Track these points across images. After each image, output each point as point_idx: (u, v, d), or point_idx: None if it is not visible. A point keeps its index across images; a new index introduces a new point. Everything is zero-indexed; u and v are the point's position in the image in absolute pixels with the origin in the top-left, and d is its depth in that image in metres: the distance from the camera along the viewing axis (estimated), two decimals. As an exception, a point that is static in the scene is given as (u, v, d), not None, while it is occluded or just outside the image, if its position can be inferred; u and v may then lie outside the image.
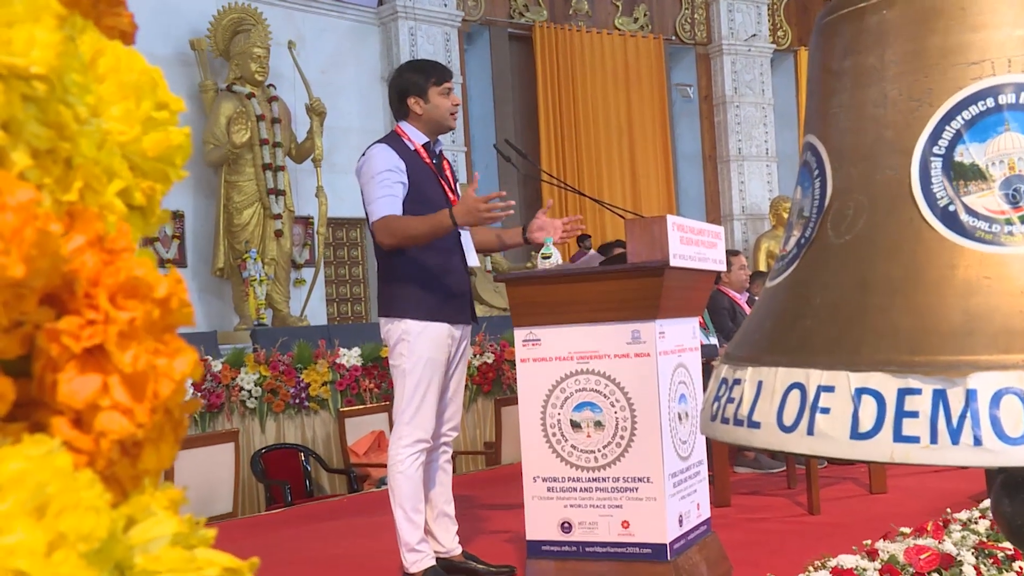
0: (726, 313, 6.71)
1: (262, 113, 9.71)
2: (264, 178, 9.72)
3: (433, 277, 3.68)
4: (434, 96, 3.74)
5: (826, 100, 0.97)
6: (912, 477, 5.49)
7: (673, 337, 3.55)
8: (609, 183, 13.24)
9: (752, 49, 14.56)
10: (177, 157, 0.43)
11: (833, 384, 0.87)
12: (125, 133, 0.41)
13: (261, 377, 6.47)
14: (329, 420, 6.75)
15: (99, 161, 0.39)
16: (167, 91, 0.44)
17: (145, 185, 0.42)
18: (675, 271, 3.42)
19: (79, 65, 0.38)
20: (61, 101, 0.36)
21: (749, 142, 14.52)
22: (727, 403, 0.96)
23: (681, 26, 14.38)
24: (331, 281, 11.32)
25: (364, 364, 6.94)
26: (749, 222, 14.44)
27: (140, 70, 0.42)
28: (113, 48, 0.41)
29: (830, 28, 1.00)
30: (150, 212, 0.43)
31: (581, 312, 3.45)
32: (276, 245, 9.78)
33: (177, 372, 0.39)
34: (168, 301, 0.39)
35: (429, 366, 3.64)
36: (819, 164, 0.96)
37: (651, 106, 13.78)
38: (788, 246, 0.98)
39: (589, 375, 3.43)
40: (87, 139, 0.38)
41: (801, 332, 0.91)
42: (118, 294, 0.38)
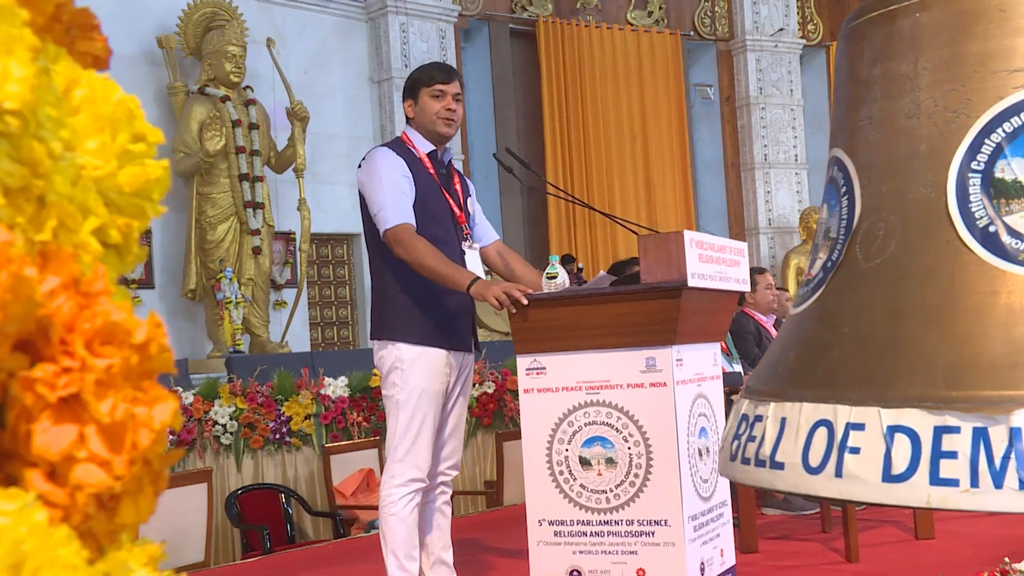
0: (751, 338, 6.72)
1: (238, 118, 9.75)
2: (240, 190, 9.75)
3: (432, 298, 3.69)
4: (423, 98, 3.77)
5: (854, 111, 0.98)
6: (963, 520, 5.46)
7: (692, 364, 3.56)
8: (621, 195, 13.26)
9: (779, 45, 14.61)
10: (155, 191, 0.45)
11: (863, 421, 0.88)
12: (100, 168, 0.43)
13: (237, 410, 6.48)
14: (313, 457, 6.75)
15: (73, 198, 0.41)
16: (144, 122, 0.45)
17: (121, 222, 0.43)
18: (694, 292, 3.43)
19: (53, 98, 0.39)
20: (35, 137, 0.38)
21: (776, 148, 14.55)
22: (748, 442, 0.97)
23: (700, 20, 14.44)
24: (315, 303, 11.33)
25: (352, 395, 6.94)
26: (776, 236, 14.45)
27: (116, 101, 0.43)
28: (88, 78, 0.43)
29: (858, 32, 1.01)
30: (126, 250, 0.44)
31: (590, 338, 3.47)
32: (254, 264, 9.80)
33: (156, 421, 0.40)
34: (147, 347, 0.41)
35: (425, 397, 3.66)
36: (847, 180, 0.97)
37: (667, 109, 13.82)
38: (814, 270, 0.99)
39: (599, 407, 3.45)
40: (61, 176, 0.40)
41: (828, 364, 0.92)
42: (95, 340, 0.39)
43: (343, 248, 11.56)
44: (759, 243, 14.30)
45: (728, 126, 14.67)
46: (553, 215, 12.64)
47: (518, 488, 6.44)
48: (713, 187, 14.69)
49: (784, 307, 7.85)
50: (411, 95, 3.81)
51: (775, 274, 13.54)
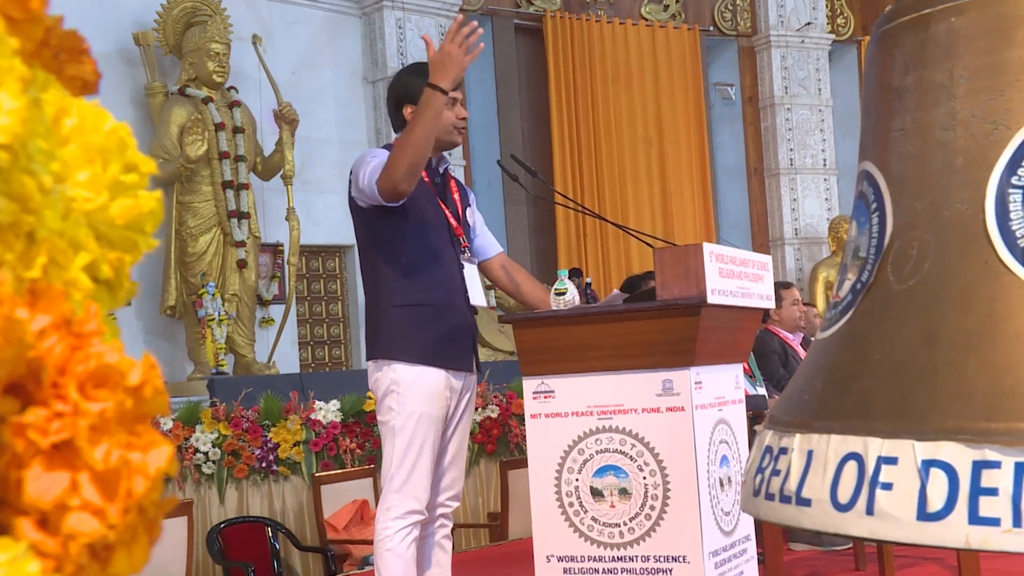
0: (776, 358, 6.73)
1: (221, 121, 9.78)
2: (224, 198, 9.78)
3: (430, 314, 3.71)
4: None
5: (885, 121, 0.99)
6: (1010, 560, 5.44)
7: (712, 387, 3.57)
8: (635, 203, 13.28)
9: (806, 40, 14.64)
10: (147, 224, 0.46)
11: (896, 455, 0.89)
12: (91, 200, 0.44)
13: (220, 437, 6.49)
14: (302, 488, 6.75)
15: (64, 233, 0.42)
16: (136, 151, 0.47)
17: (113, 256, 0.45)
18: (714, 309, 3.45)
19: (44, 129, 0.41)
20: (25, 171, 0.39)
21: (803, 152, 14.57)
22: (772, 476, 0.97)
23: (720, 14, 14.48)
24: (304, 320, 11.35)
25: (344, 420, 6.95)
26: (804, 247, 14.46)
27: (107, 130, 0.45)
28: (79, 106, 0.44)
29: (889, 38, 1.02)
30: (118, 285, 0.45)
31: (602, 359, 3.48)
32: (239, 278, 9.82)
33: (152, 468, 0.41)
34: (141, 389, 0.42)
35: (424, 422, 3.67)
36: (877, 196, 0.98)
37: (685, 110, 13.84)
38: (842, 292, 1.00)
39: (612, 433, 3.45)
40: (52, 210, 0.41)
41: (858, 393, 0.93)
42: (88, 383, 0.41)
43: (335, 261, 11.58)
44: (785, 255, 14.31)
45: (751, 128, 14.68)
46: (561, 225, 12.65)
47: (524, 521, 6.44)
48: (735, 195, 14.70)
49: (812, 324, 7.86)
50: (412, 100, 3.78)
51: (802, 288, 13.53)
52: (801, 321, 7.05)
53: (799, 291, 7.59)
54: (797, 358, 6.83)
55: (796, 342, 6.96)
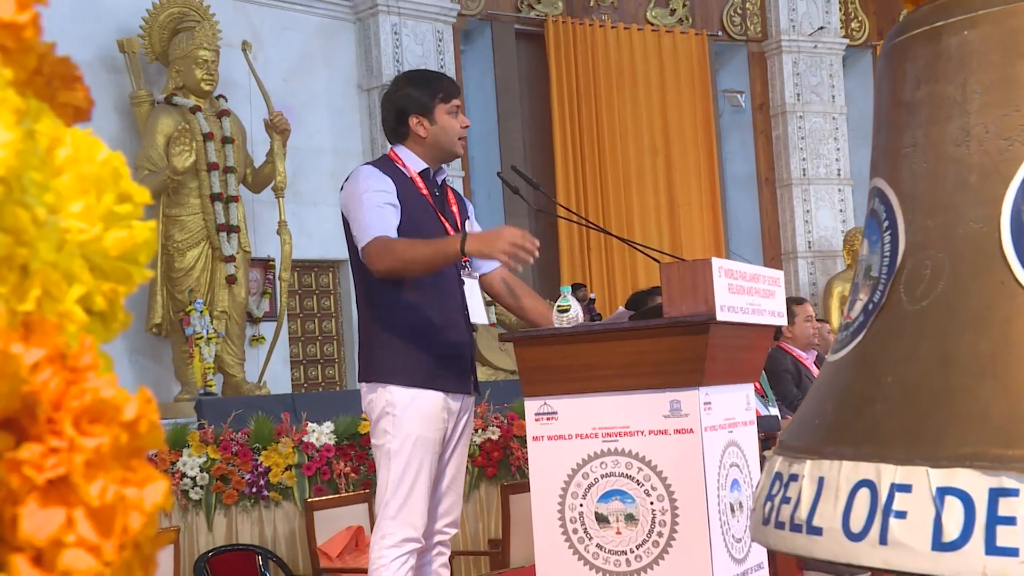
0: (789, 377, 6.73)
1: (210, 131, 9.80)
2: (213, 211, 9.79)
3: (427, 334, 3.72)
4: (441, 116, 3.80)
5: (896, 137, 1.00)
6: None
7: (722, 408, 3.58)
8: (641, 216, 13.29)
9: (819, 45, 14.68)
10: (142, 255, 0.47)
11: (910, 482, 0.89)
12: (85, 231, 0.45)
13: (208, 460, 6.49)
14: (294, 514, 6.75)
15: (58, 265, 0.43)
16: (130, 180, 0.48)
17: (107, 288, 0.46)
18: (723, 327, 3.46)
19: (38, 161, 0.42)
20: (18, 203, 0.41)
21: (816, 161, 14.60)
22: (782, 503, 0.98)
23: (729, 19, 14.52)
24: (297, 338, 11.35)
25: (338, 442, 6.95)
26: (817, 261, 14.47)
27: (101, 160, 0.46)
28: (72, 136, 0.46)
29: (901, 51, 1.03)
30: (111, 317, 0.47)
31: (607, 379, 3.49)
32: (228, 294, 9.83)
33: (147, 503, 0.42)
34: (137, 424, 0.43)
35: (420, 446, 3.67)
36: (889, 214, 0.99)
37: (693, 119, 13.87)
38: (854, 312, 1.01)
39: (618, 456, 3.46)
40: (46, 242, 0.42)
41: (870, 418, 0.93)
42: (83, 418, 0.42)
43: (328, 276, 11.59)
44: (797, 269, 14.32)
45: (762, 137, 14.71)
46: (564, 239, 12.65)
47: (526, 548, 6.42)
48: (745, 206, 14.71)
49: (826, 341, 7.87)
50: (422, 112, 3.81)
51: (816, 304, 13.53)
52: (815, 338, 7.05)
53: (812, 307, 7.60)
54: (811, 377, 6.83)
55: (809, 360, 6.96)
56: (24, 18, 0.42)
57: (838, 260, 14.42)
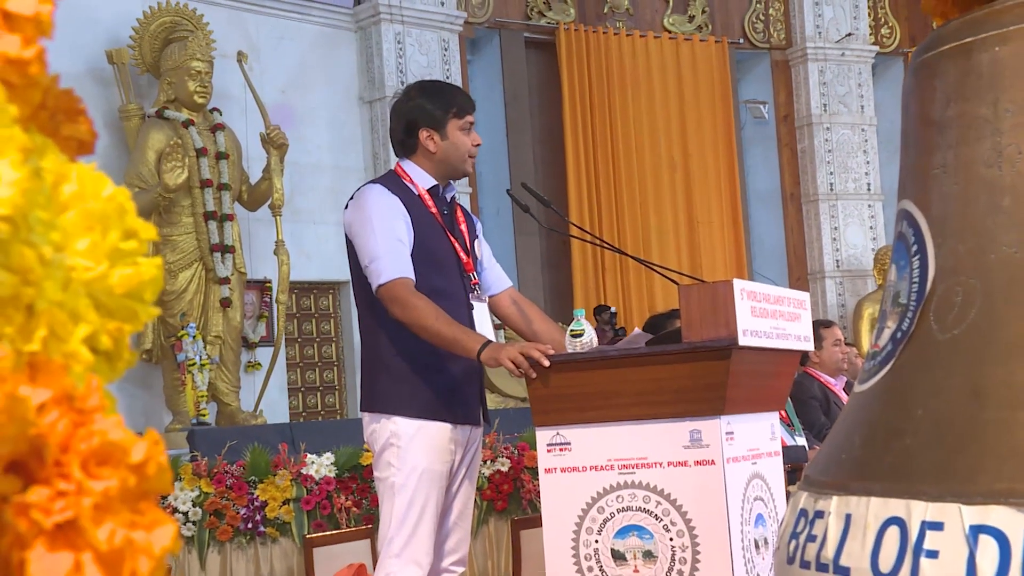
0: (816, 404, 6.73)
1: (203, 146, 9.82)
2: (206, 231, 9.80)
3: (434, 361, 3.73)
4: (453, 131, 3.82)
5: (925, 158, 1.02)
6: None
7: (745, 438, 3.58)
8: (659, 234, 13.28)
9: (847, 53, 14.68)
10: (148, 292, 0.49)
11: (942, 520, 0.90)
12: (91, 269, 0.47)
13: (202, 495, 6.49)
14: (292, 551, 6.75)
15: (64, 304, 0.45)
16: (135, 217, 0.50)
17: (112, 327, 0.47)
18: (746, 352, 3.46)
19: (44, 199, 0.44)
20: (25, 242, 0.42)
21: (844, 175, 14.58)
22: (807, 541, 0.99)
23: (751, 25, 14.54)
24: (295, 364, 11.35)
25: (339, 475, 6.95)
26: (846, 281, 14.44)
27: (106, 196, 0.47)
28: (78, 172, 0.47)
29: (929, 68, 1.04)
30: (117, 356, 0.48)
31: (623, 407, 3.49)
32: (222, 318, 9.84)
33: (156, 547, 0.44)
34: (144, 467, 0.45)
35: (426, 479, 3.68)
36: (918, 238, 1.01)
37: (713, 131, 13.88)
38: (881, 341, 1.02)
39: (635, 490, 3.46)
40: (52, 281, 0.44)
41: (899, 452, 0.94)
42: (91, 461, 0.43)
43: (328, 299, 11.60)
44: (825, 290, 14.29)
45: (786, 150, 14.70)
46: (577, 258, 12.66)
47: (538, 587, 6.41)
48: (769, 224, 14.70)
49: (855, 366, 7.86)
50: (434, 125, 3.83)
51: (845, 327, 13.50)
52: (843, 363, 7.05)
53: (841, 330, 7.59)
54: (839, 404, 6.83)
55: (838, 387, 6.96)
56: (29, 53, 0.44)
57: (868, 280, 14.38)
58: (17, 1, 0.44)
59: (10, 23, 0.45)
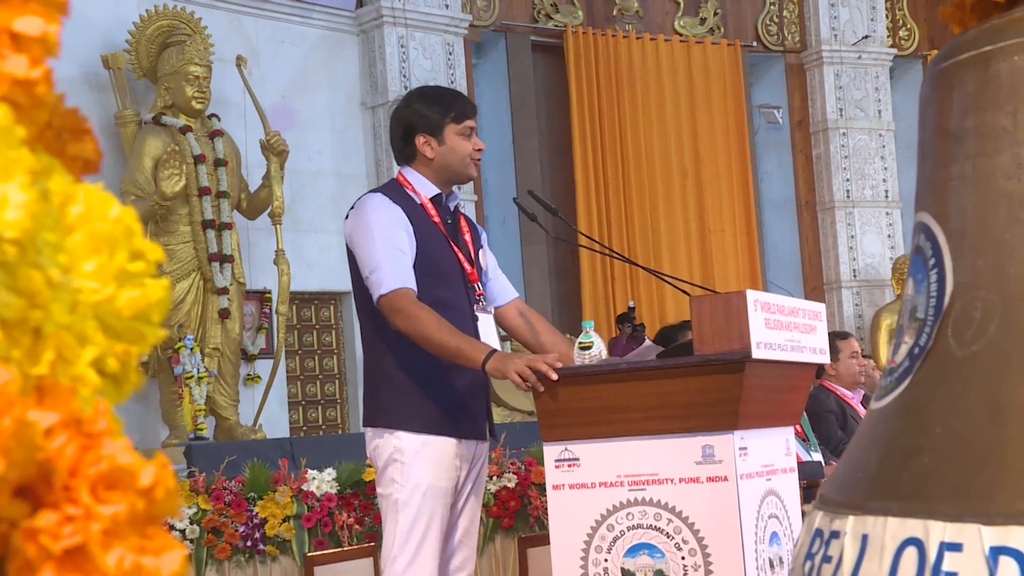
0: (833, 418, 6.72)
1: (201, 153, 9.84)
2: (204, 240, 9.82)
3: (438, 374, 3.73)
4: (451, 136, 3.82)
5: (943, 169, 1.02)
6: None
7: (759, 454, 3.59)
8: (670, 243, 13.29)
9: (864, 56, 14.68)
10: (155, 314, 0.50)
11: (960, 541, 0.91)
12: (98, 291, 0.48)
13: (199, 512, 6.50)
14: (292, 569, 6.75)
15: (71, 327, 0.46)
16: (142, 238, 0.51)
17: (119, 349, 0.48)
18: (760, 365, 3.46)
19: (52, 221, 0.45)
20: (33, 265, 0.43)
21: (861, 182, 14.58)
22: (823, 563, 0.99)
23: (765, 28, 14.55)
24: (295, 377, 11.36)
25: (341, 491, 6.95)
26: (864, 291, 14.43)
27: (113, 217, 0.48)
28: (84, 193, 0.48)
29: (947, 77, 1.05)
30: (124, 379, 0.49)
31: (633, 422, 3.49)
32: (221, 330, 9.85)
33: (165, 572, 0.45)
34: (153, 491, 0.45)
35: (430, 496, 3.68)
36: (935, 251, 1.01)
37: (726, 136, 13.88)
38: (898, 356, 1.03)
39: (646, 507, 3.46)
40: (59, 304, 0.45)
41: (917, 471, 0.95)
42: (99, 485, 0.44)
43: (329, 310, 11.60)
44: (841, 300, 14.28)
45: (801, 156, 14.70)
46: (586, 268, 12.66)
47: (546, 607, 6.41)
48: (783, 232, 14.70)
49: (873, 379, 7.85)
50: (432, 131, 3.84)
51: (862, 338, 13.49)
52: (861, 376, 7.04)
53: (859, 342, 7.58)
54: (856, 418, 6.82)
55: (855, 400, 6.95)
56: (37, 73, 0.45)
57: (886, 290, 14.36)
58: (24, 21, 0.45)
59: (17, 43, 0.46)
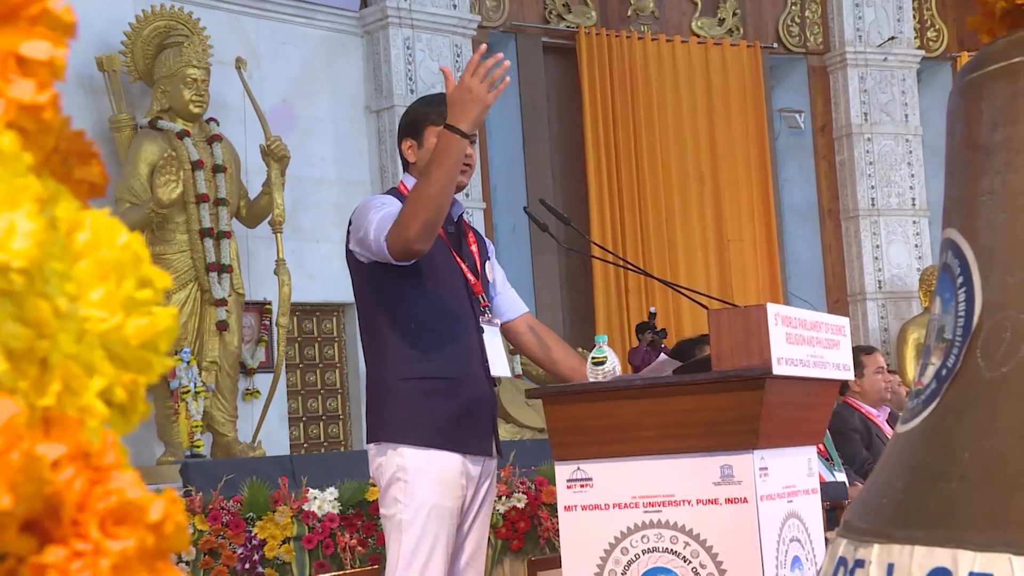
0: (857, 437, 6.71)
1: (199, 159, 9.85)
2: (202, 249, 9.83)
3: (443, 389, 3.74)
4: (431, 138, 3.80)
5: (971, 184, 1.03)
6: None
7: (780, 474, 3.58)
8: (687, 253, 13.28)
9: (890, 58, 14.67)
10: (163, 343, 0.51)
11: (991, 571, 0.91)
12: (106, 320, 0.49)
13: (196, 533, 6.51)
14: (293, 593, 6.75)
15: (78, 357, 0.47)
16: (150, 265, 0.52)
17: (127, 379, 0.49)
18: (781, 382, 3.46)
19: (59, 250, 0.46)
20: (40, 294, 0.44)
21: (887, 189, 14.56)
22: (848, 593, 1.00)
23: (786, 28, 14.55)
24: (296, 392, 11.36)
25: (343, 511, 6.96)
26: (889, 303, 14.41)
27: (121, 244, 0.49)
28: (91, 219, 0.49)
29: (975, 88, 1.06)
30: (131, 409, 0.50)
31: (649, 440, 3.50)
32: (219, 342, 9.86)
33: (173, 608, 0.45)
34: (162, 526, 0.46)
35: (436, 516, 3.69)
36: (963, 269, 1.01)
37: (745, 142, 13.88)
38: (925, 378, 1.03)
39: (661, 529, 3.46)
40: (66, 333, 0.46)
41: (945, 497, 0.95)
42: (108, 520, 0.45)
43: (332, 322, 11.61)
44: (866, 313, 14.26)
45: (824, 163, 14.69)
46: (599, 278, 12.65)
47: (557, 633, 6.39)
48: (805, 242, 14.68)
49: (899, 396, 7.84)
50: (412, 133, 3.87)
51: (888, 353, 13.47)
52: (886, 392, 7.03)
53: (884, 356, 7.58)
54: (882, 437, 6.81)
55: (881, 418, 6.94)
56: (44, 98, 0.45)
57: (913, 302, 14.33)
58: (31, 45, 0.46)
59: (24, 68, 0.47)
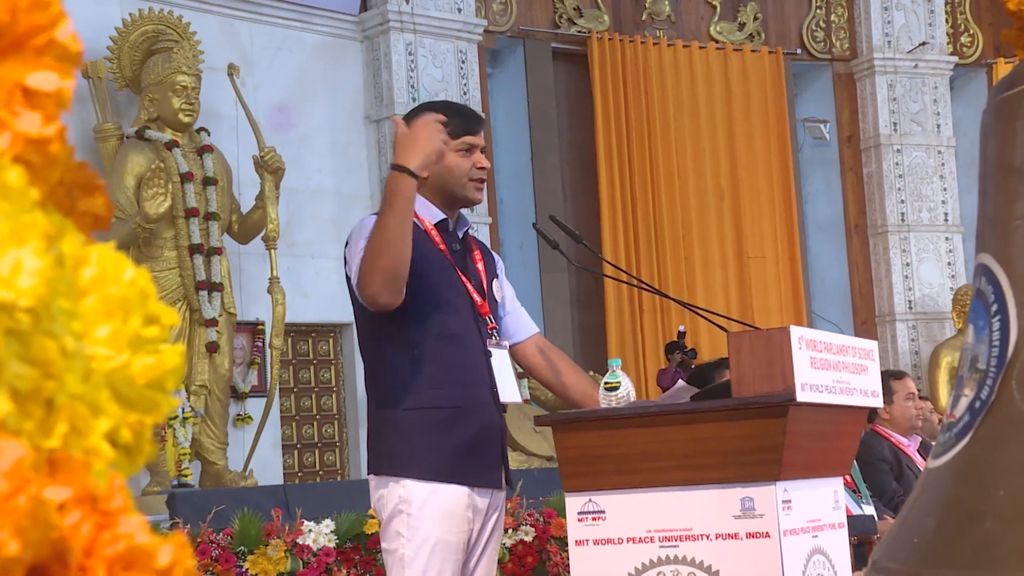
0: (887, 468, 6.71)
1: (189, 170, 9.86)
2: (192, 266, 9.84)
3: (449, 418, 3.73)
4: (447, 154, 3.82)
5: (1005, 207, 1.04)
6: None
7: (805, 507, 3.59)
8: (705, 272, 13.27)
9: (920, 65, 14.66)
10: (169, 382, 0.52)
11: (1026, 613, 0.92)
12: (112, 358, 0.50)
13: (186, 567, 6.52)
14: (287, 632, 6.76)
15: (84, 397, 0.48)
16: (156, 301, 0.53)
17: (133, 419, 0.51)
18: (805, 409, 3.47)
19: (66, 287, 0.47)
20: (47, 334, 0.46)
21: (918, 204, 14.54)
22: (876, 636, 1.01)
23: (811, 34, 14.55)
24: (290, 418, 11.35)
25: (340, 545, 6.96)
26: (920, 325, 14.38)
27: (127, 280, 0.51)
28: (98, 254, 0.51)
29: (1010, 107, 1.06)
30: (137, 450, 0.52)
31: (665, 471, 3.50)
32: (208, 365, 9.86)
33: (182, 656, 0.47)
34: (171, 572, 0.48)
35: (440, 551, 3.69)
36: (998, 296, 1.02)
37: (767, 153, 13.88)
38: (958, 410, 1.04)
39: (679, 565, 3.47)
40: (72, 373, 0.47)
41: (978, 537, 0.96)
42: (116, 566, 0.46)
43: (328, 343, 11.60)
44: (896, 335, 14.23)
45: (851, 175, 14.69)
46: (612, 298, 12.63)
47: (567, 675, 6.39)
48: (831, 259, 14.67)
49: (931, 423, 7.83)
50: None
51: (919, 378, 13.45)
52: (917, 420, 7.02)
53: (915, 381, 7.57)
54: (913, 468, 6.80)
55: (912, 447, 6.93)
56: (51, 131, 0.47)
57: (946, 324, 14.31)
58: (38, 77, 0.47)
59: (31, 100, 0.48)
